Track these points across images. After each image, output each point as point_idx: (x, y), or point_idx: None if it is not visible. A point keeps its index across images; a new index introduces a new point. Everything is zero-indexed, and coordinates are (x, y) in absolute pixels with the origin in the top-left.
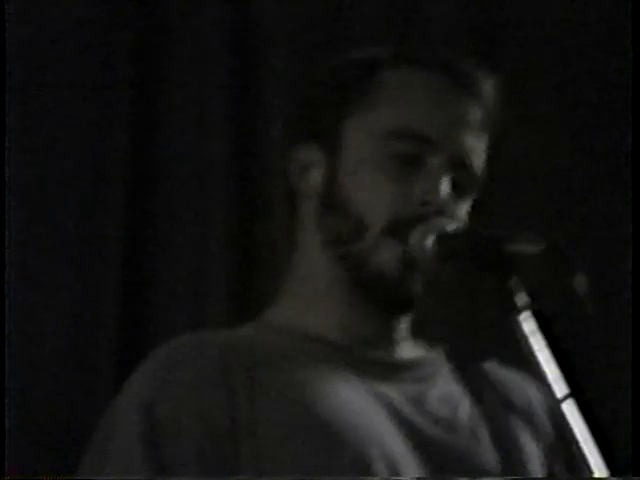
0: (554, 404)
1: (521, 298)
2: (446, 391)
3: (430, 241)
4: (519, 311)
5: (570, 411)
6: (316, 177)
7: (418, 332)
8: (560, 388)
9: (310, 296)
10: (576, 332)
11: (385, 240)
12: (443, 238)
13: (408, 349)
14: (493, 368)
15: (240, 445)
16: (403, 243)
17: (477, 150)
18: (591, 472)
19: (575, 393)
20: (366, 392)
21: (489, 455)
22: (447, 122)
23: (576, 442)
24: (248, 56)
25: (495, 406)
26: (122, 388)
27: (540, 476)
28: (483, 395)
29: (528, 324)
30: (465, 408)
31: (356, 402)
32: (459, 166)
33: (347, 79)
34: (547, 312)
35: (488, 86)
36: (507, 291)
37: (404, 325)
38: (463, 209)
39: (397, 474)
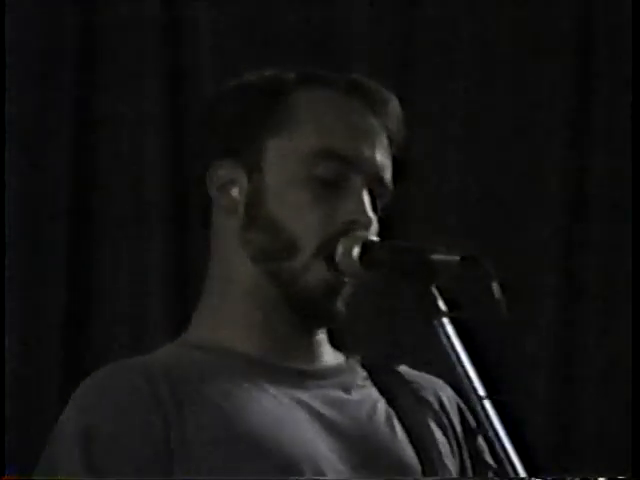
0: (464, 402)
1: (441, 304)
2: (364, 394)
3: (356, 252)
4: (440, 315)
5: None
6: (236, 194)
7: (335, 342)
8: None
9: (230, 310)
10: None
11: (315, 261)
12: (368, 248)
13: (326, 358)
14: (406, 370)
15: (173, 458)
16: (330, 262)
17: (387, 166)
18: (511, 463)
19: (490, 395)
20: (287, 400)
21: (406, 448)
22: (362, 142)
23: (497, 437)
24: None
25: (409, 403)
26: (59, 419)
27: (451, 466)
28: (398, 395)
29: (448, 328)
30: (382, 408)
31: (276, 410)
32: (374, 181)
33: (255, 98)
34: (465, 317)
35: (393, 106)
36: (429, 296)
37: (322, 335)
38: (376, 220)
39: (321, 472)
